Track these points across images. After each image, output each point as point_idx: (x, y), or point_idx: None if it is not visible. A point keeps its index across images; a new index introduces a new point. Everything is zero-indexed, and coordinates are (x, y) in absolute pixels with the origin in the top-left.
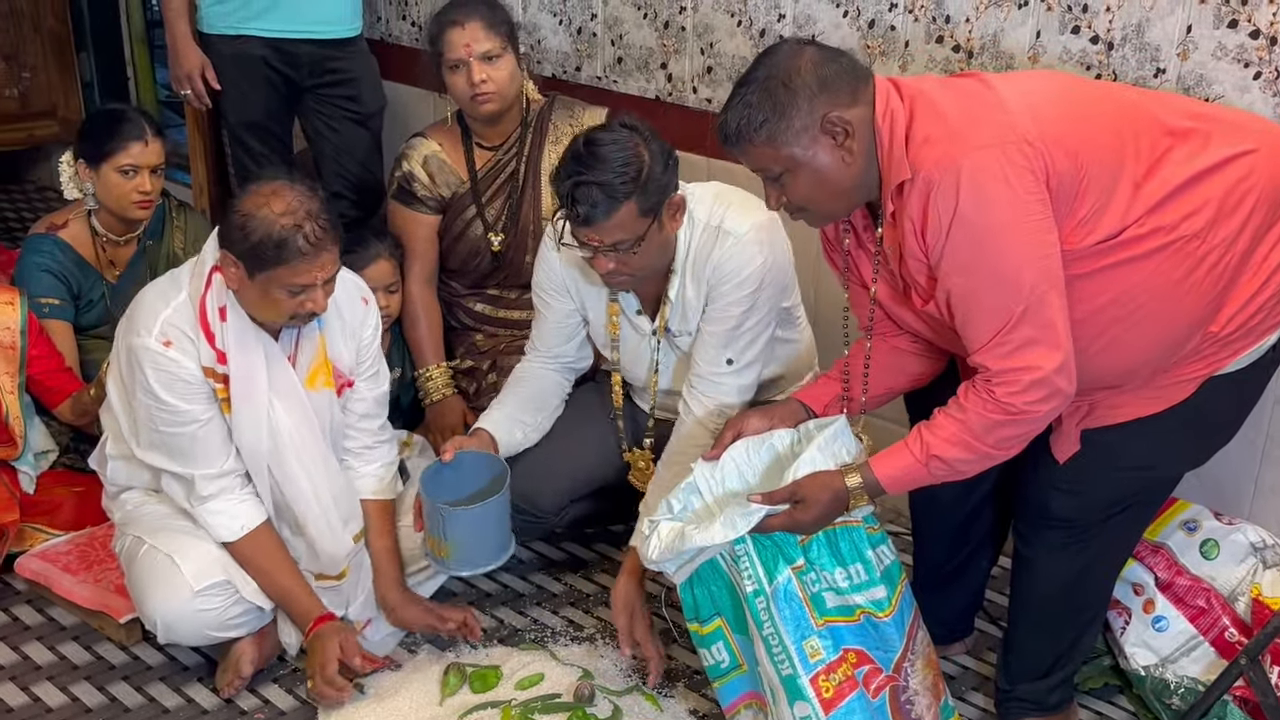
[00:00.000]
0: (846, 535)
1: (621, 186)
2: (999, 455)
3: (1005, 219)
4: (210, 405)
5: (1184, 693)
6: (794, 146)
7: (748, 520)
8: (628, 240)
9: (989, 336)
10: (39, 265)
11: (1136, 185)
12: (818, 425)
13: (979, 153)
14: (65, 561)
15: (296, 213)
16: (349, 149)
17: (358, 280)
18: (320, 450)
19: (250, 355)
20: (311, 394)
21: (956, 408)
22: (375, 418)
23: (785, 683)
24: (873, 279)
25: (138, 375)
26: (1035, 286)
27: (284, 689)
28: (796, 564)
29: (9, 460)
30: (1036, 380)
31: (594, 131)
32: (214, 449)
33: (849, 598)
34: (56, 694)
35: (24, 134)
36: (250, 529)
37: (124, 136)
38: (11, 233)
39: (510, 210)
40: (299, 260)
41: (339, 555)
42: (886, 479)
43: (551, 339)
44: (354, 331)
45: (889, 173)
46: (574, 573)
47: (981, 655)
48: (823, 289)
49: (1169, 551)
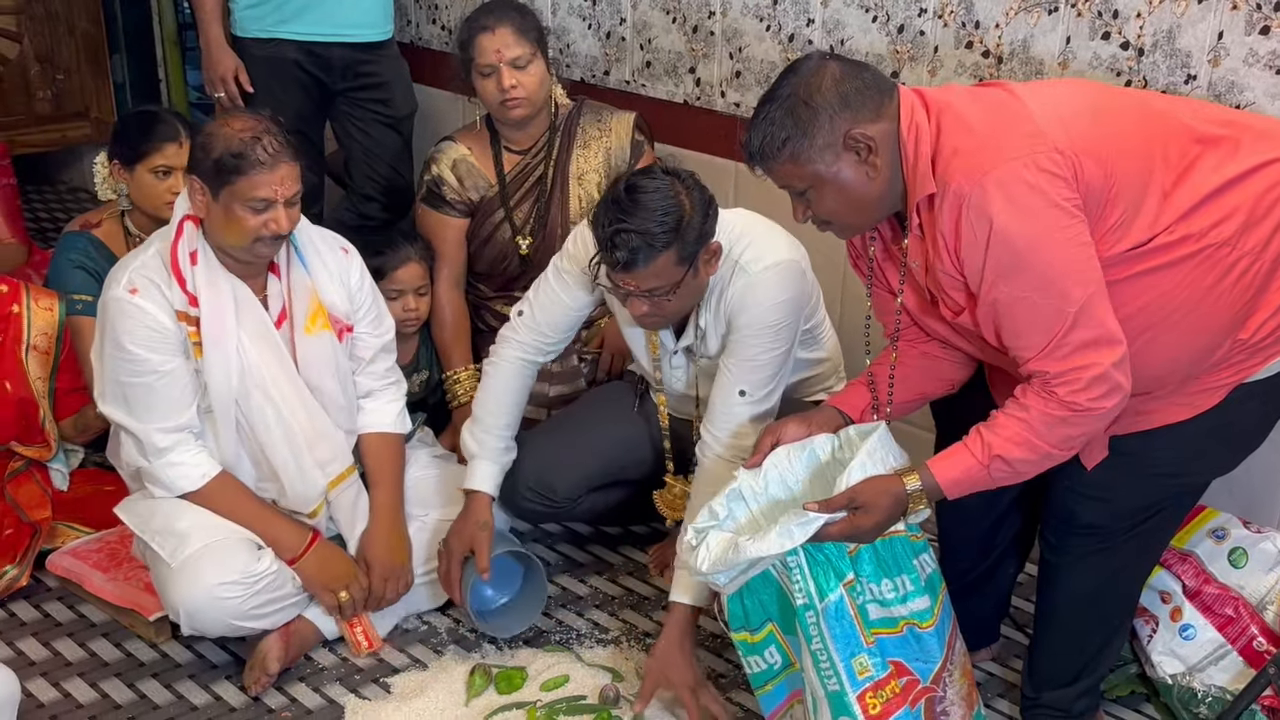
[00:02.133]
0: (892, 545)
1: (661, 235)
2: (1060, 455)
3: (1044, 226)
4: (172, 356)
5: (1211, 702)
6: (817, 164)
7: (805, 530)
8: (664, 287)
9: (1044, 343)
10: (72, 262)
11: (1165, 193)
12: (859, 432)
13: (1009, 164)
14: (95, 559)
15: (255, 128)
16: (380, 152)
17: (334, 234)
18: (295, 389)
19: (220, 295)
20: (310, 338)
21: (1018, 407)
22: (381, 361)
23: (831, 697)
24: (899, 288)
25: (107, 327)
26: (1084, 288)
27: (311, 688)
28: (847, 579)
29: (44, 460)
30: (1097, 376)
31: (636, 177)
32: (171, 402)
33: (893, 610)
34: (87, 690)
35: (57, 135)
36: (211, 475)
37: (159, 138)
38: (44, 233)
39: (538, 214)
40: (257, 171)
41: (309, 494)
42: (947, 482)
43: (558, 322)
44: (341, 277)
45: (914, 186)
46: (599, 575)
47: (1007, 662)
48: (849, 295)
49: (1197, 559)
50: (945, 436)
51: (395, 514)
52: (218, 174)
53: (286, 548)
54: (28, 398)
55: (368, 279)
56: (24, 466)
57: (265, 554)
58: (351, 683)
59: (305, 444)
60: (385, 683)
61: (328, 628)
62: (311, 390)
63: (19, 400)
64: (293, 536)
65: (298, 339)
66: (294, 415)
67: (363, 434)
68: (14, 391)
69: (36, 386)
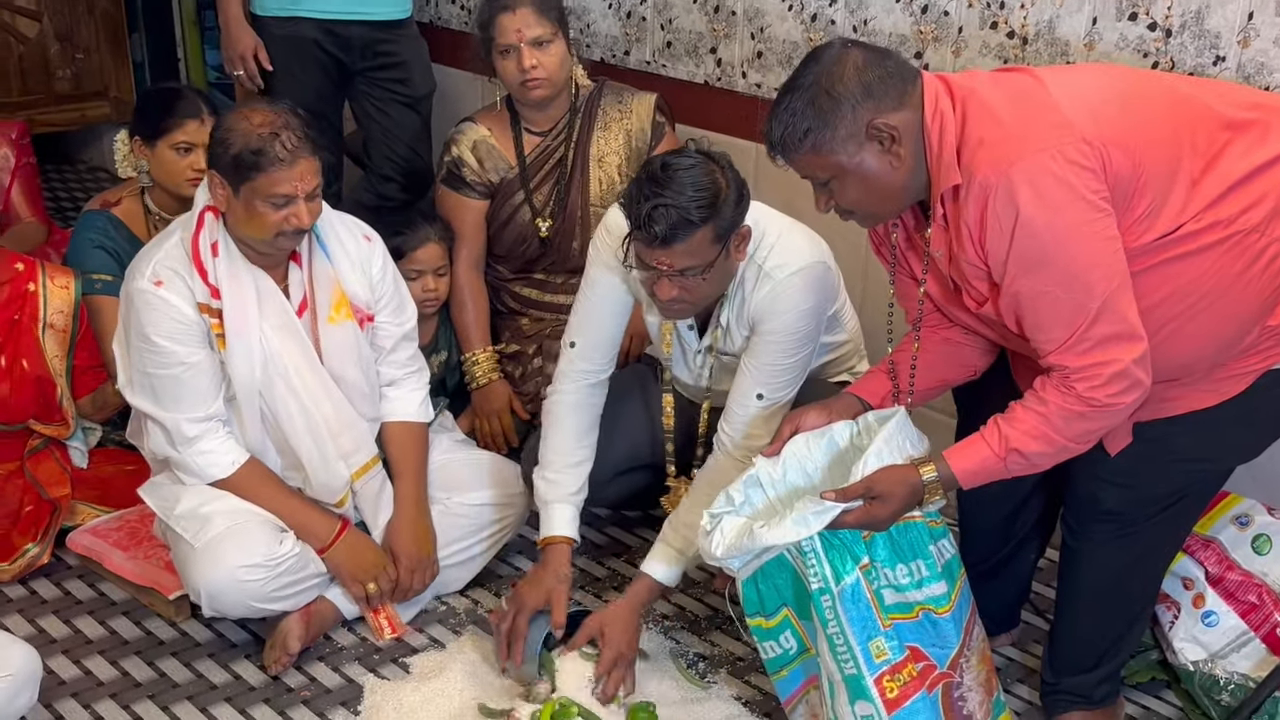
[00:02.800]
0: (908, 531)
1: (698, 210)
2: (1077, 449)
3: (1070, 220)
4: (198, 348)
5: (1234, 689)
6: (839, 154)
7: (821, 518)
8: (697, 266)
9: (1065, 337)
10: (92, 241)
11: (1194, 181)
12: (878, 418)
13: (1036, 156)
14: (115, 538)
15: (274, 123)
16: (398, 132)
17: (356, 220)
18: (318, 381)
19: (242, 287)
20: (334, 327)
21: (1036, 400)
22: (403, 350)
23: (848, 681)
24: (922, 276)
25: (132, 318)
26: (1110, 281)
27: (330, 667)
28: (863, 562)
29: (62, 439)
30: (1118, 373)
31: (670, 155)
32: (199, 392)
33: (908, 595)
34: (107, 668)
35: (77, 114)
36: (241, 462)
37: (180, 114)
38: (64, 212)
39: (558, 196)
40: (277, 168)
41: (333, 484)
42: (962, 473)
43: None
44: (362, 266)
45: (938, 176)
46: (617, 558)
47: (1027, 648)
48: (871, 281)
49: (1220, 546)
50: (967, 422)
51: (420, 504)
52: (237, 170)
53: (315, 536)
54: (45, 376)
55: (390, 267)
56: (43, 444)
57: (287, 537)
58: (370, 662)
59: (329, 434)
60: (404, 663)
61: (348, 608)
62: (335, 380)
63: (36, 379)
64: (322, 525)
65: (321, 329)
66: (317, 406)
67: (386, 422)
68: (31, 370)
69: (54, 365)
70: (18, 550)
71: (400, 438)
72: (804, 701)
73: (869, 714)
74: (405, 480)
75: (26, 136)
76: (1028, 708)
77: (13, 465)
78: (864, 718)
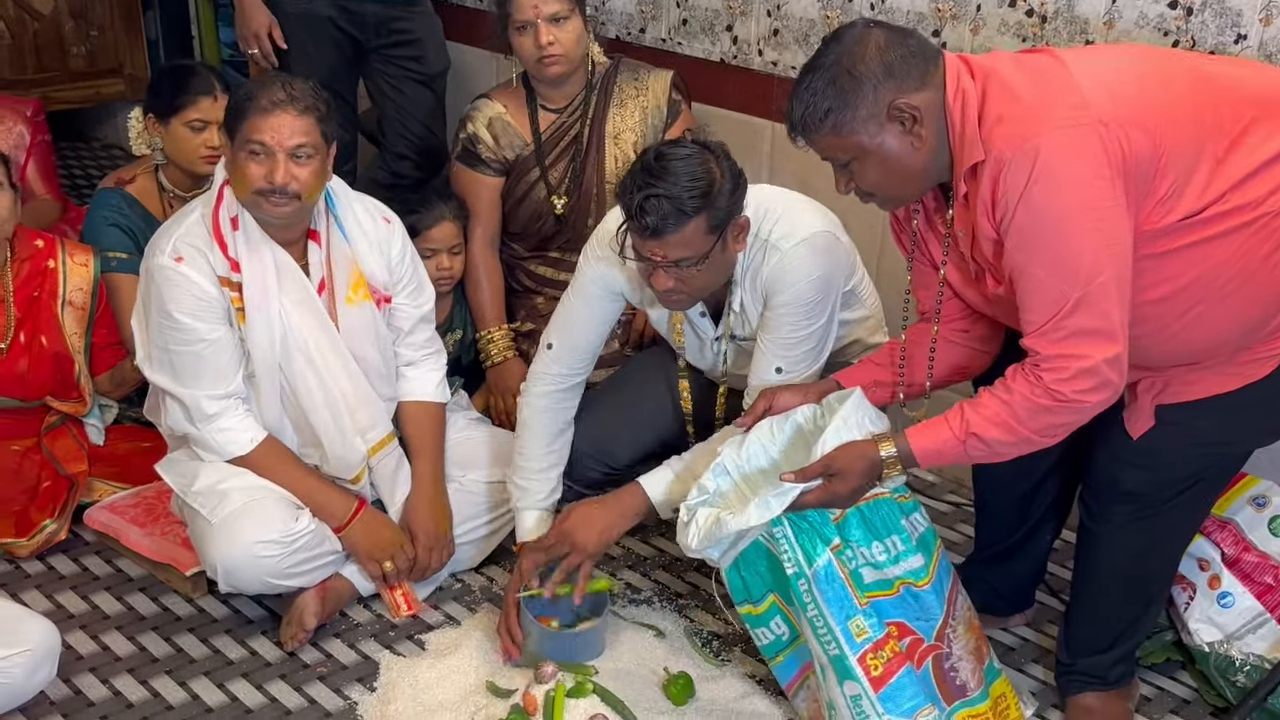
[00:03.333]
0: (879, 508)
1: (691, 201)
2: (1040, 442)
3: (1072, 203)
4: (219, 324)
5: (1249, 670)
6: (860, 135)
7: (781, 500)
8: (692, 257)
9: (1043, 320)
10: (106, 219)
11: (1218, 161)
12: (837, 398)
13: (1053, 134)
14: (132, 514)
15: (275, 79)
16: (413, 110)
17: (376, 202)
18: (337, 356)
19: (261, 261)
20: (351, 308)
21: (1003, 389)
22: (421, 331)
23: (833, 662)
24: (942, 260)
25: (153, 294)
26: (1095, 275)
27: (346, 643)
28: (834, 543)
29: (78, 415)
30: (1085, 369)
31: (665, 145)
32: (219, 369)
33: (886, 571)
34: (125, 643)
35: (91, 91)
36: (259, 440)
37: (194, 91)
38: (79, 189)
39: (574, 173)
40: (257, 114)
41: (350, 460)
42: (921, 451)
43: (586, 338)
44: (381, 248)
45: (961, 154)
46: (631, 536)
47: (1042, 628)
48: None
49: (1236, 527)
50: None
51: (438, 483)
52: (231, 120)
53: (332, 515)
54: (63, 353)
55: (410, 249)
56: (60, 421)
57: (303, 514)
58: (386, 639)
59: (346, 410)
60: (420, 639)
61: (364, 585)
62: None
63: (55, 355)
64: (339, 504)
65: (339, 309)
66: (335, 381)
67: (403, 402)
68: (50, 347)
69: (72, 342)
70: (36, 526)
71: (418, 417)
72: (804, 686)
73: (857, 694)
74: (423, 459)
75: (42, 114)
76: (1042, 688)
77: (30, 441)
78: (853, 698)
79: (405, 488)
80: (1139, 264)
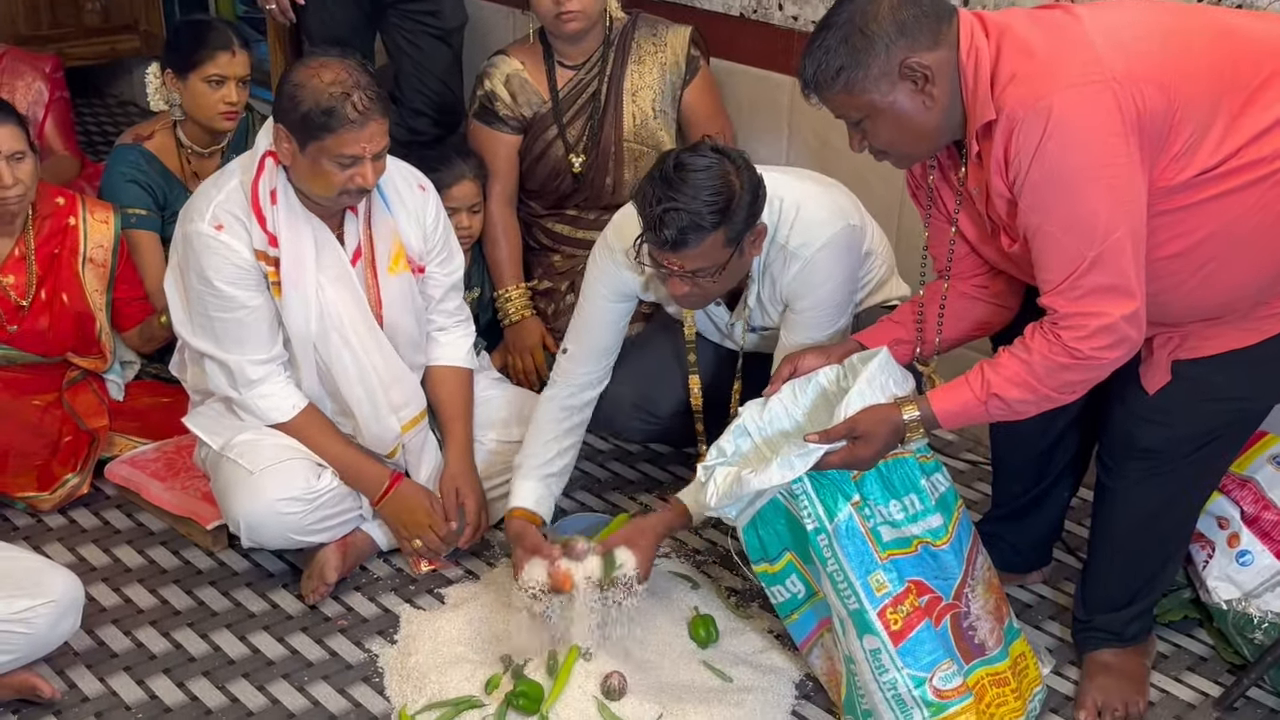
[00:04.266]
0: (898, 467)
1: (710, 216)
2: (1060, 399)
3: (1086, 161)
4: (259, 292)
5: (1268, 628)
6: (872, 93)
7: (805, 460)
8: (709, 268)
9: (1060, 279)
10: (125, 176)
11: (1234, 116)
12: (861, 359)
13: (1066, 92)
14: (153, 468)
15: (345, 82)
16: (430, 65)
17: (413, 169)
18: (371, 332)
19: (300, 237)
20: (393, 278)
21: (1022, 348)
22: (451, 299)
23: (853, 616)
24: (954, 213)
25: (191, 260)
26: (1110, 232)
27: (367, 597)
28: (854, 499)
29: (99, 372)
30: (1104, 326)
31: (685, 155)
32: (262, 335)
33: (904, 530)
34: (147, 596)
35: (106, 48)
36: (301, 407)
37: (212, 46)
38: (95, 146)
39: (591, 131)
40: (346, 129)
41: (385, 437)
42: (943, 414)
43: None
44: (418, 217)
45: (974, 113)
46: (648, 493)
47: (1059, 585)
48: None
49: (1256, 485)
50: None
51: (472, 449)
52: (306, 128)
53: (368, 489)
54: (85, 311)
55: (443, 216)
56: (80, 376)
57: (326, 471)
58: (406, 593)
59: (381, 387)
60: (439, 593)
61: (383, 539)
62: (391, 330)
63: (76, 313)
64: (374, 478)
65: (381, 279)
66: (370, 359)
67: (434, 366)
68: (71, 304)
69: (93, 299)
70: (58, 480)
71: (450, 383)
72: (819, 644)
73: (876, 647)
74: (457, 424)
75: (60, 70)
76: (1059, 645)
77: (51, 396)
78: (872, 651)
79: (432, 459)
80: (1155, 220)
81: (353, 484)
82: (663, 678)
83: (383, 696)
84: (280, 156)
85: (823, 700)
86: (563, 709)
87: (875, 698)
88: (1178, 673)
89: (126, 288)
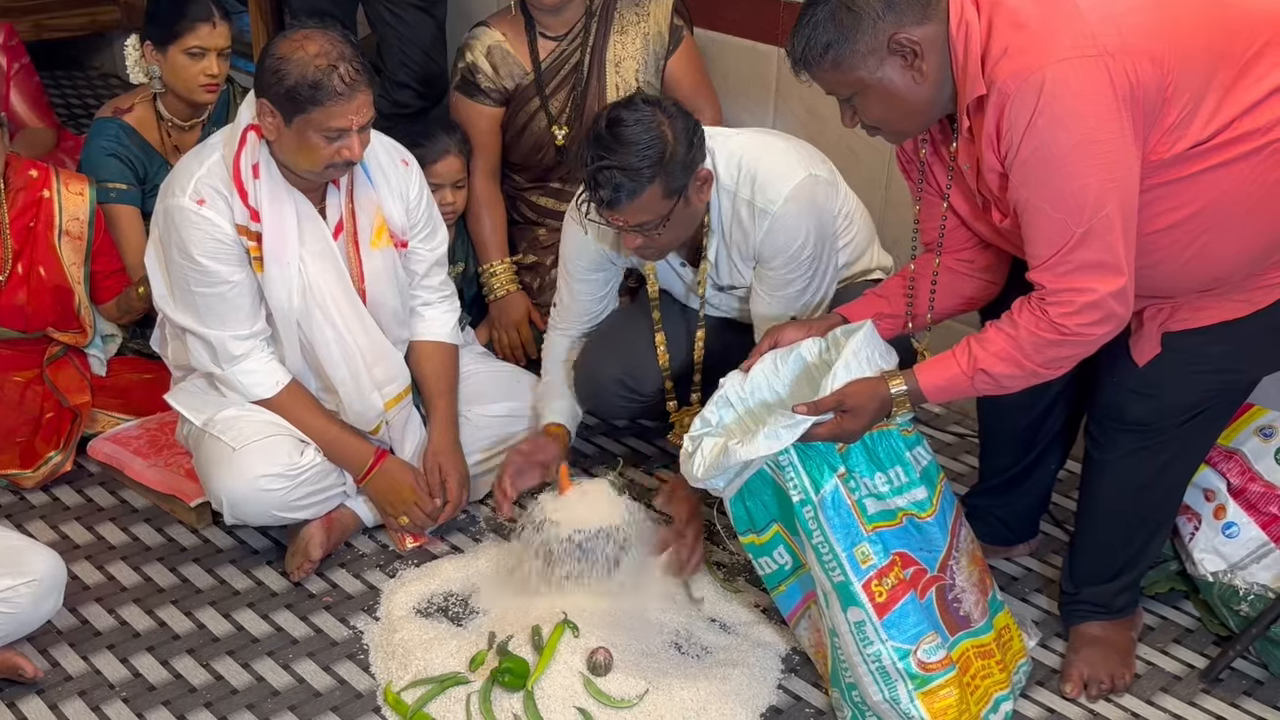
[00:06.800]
0: (884, 439)
1: (645, 170)
2: (1047, 374)
3: (1077, 137)
4: (241, 267)
5: (1253, 599)
6: (860, 70)
7: (792, 431)
8: (653, 221)
9: (1048, 254)
10: (105, 149)
11: (1227, 89)
12: (844, 332)
13: (1058, 65)
14: (136, 445)
15: (330, 54)
16: (413, 37)
17: (395, 144)
18: (354, 308)
19: (282, 211)
20: (376, 252)
21: (1009, 323)
22: (435, 275)
23: (838, 589)
24: (945, 188)
25: (172, 235)
26: (1100, 208)
27: (351, 573)
28: (840, 471)
29: (80, 346)
30: (1091, 303)
31: (616, 110)
32: (244, 310)
33: (890, 501)
34: (130, 573)
35: (87, 19)
36: (285, 384)
37: (192, 18)
38: (76, 118)
39: (575, 103)
40: (333, 101)
41: (368, 414)
42: (930, 388)
43: (583, 313)
44: (400, 192)
45: (964, 88)
46: (635, 468)
47: (1046, 558)
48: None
49: (1242, 457)
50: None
51: (456, 425)
52: (291, 101)
53: (352, 466)
54: (63, 284)
55: (426, 193)
56: (62, 352)
57: (309, 447)
58: (391, 569)
59: (364, 365)
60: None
61: (368, 516)
62: (374, 305)
63: (54, 287)
64: (358, 455)
65: (364, 253)
66: (353, 335)
67: (419, 342)
68: (49, 278)
69: (71, 273)
70: (40, 457)
71: (435, 358)
72: (806, 616)
73: (860, 619)
74: (442, 400)
75: (15, 38)
76: (1046, 617)
77: (32, 373)
78: (856, 624)
79: (416, 435)
80: (1147, 194)
81: (337, 461)
82: (648, 652)
83: (368, 673)
84: (264, 131)
85: (809, 674)
86: (548, 684)
87: (859, 670)
88: (1164, 644)
89: (105, 260)
